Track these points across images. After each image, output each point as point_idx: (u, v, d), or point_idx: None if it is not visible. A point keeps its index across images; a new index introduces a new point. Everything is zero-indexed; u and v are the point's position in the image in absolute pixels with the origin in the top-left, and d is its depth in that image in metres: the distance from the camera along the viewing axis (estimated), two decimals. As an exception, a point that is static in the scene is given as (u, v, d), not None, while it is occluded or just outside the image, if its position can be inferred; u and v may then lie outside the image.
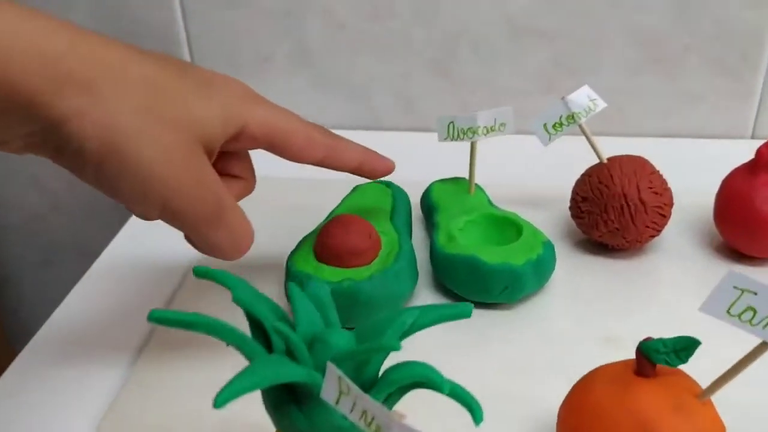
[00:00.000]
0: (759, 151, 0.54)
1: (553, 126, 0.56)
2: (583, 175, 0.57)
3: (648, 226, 0.54)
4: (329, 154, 0.46)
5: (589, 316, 0.51)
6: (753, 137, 0.74)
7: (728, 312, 0.33)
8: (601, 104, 0.56)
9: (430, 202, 0.59)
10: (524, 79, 0.74)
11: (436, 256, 0.52)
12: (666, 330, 0.39)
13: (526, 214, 0.59)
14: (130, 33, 0.75)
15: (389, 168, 0.50)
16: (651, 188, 0.54)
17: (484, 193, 0.59)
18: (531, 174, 0.68)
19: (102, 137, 0.35)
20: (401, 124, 0.77)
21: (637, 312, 0.51)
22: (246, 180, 0.47)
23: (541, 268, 0.51)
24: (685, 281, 0.54)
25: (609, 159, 0.56)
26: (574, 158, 0.59)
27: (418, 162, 0.64)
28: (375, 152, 0.50)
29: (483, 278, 0.50)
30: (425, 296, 0.53)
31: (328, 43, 0.74)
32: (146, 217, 0.40)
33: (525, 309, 0.52)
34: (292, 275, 0.49)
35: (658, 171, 0.56)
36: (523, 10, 0.70)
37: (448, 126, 0.56)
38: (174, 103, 0.38)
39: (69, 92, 0.34)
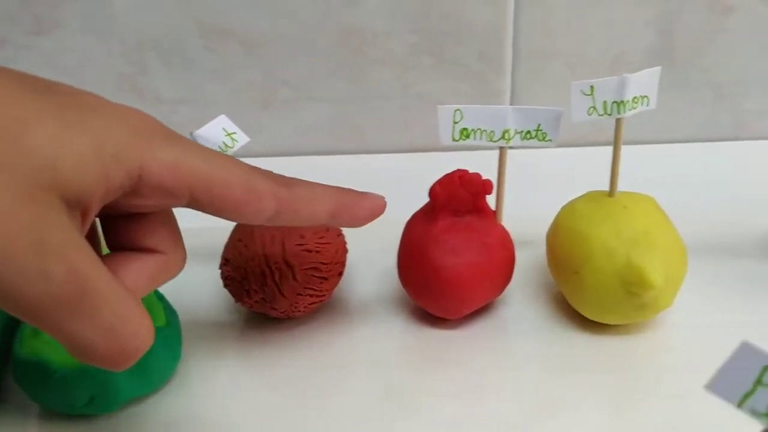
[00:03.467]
0: (432, 192, 0.42)
1: (187, 169, 0.44)
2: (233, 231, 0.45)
3: (301, 294, 0.42)
4: (284, 208, 0.33)
5: None
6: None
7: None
8: (243, 138, 0.44)
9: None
10: (234, 93, 0.61)
11: (13, 362, 0.39)
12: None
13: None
14: None
15: (376, 209, 0.37)
16: (302, 245, 0.42)
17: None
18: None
19: None
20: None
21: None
22: (166, 254, 0.32)
23: (145, 364, 0.39)
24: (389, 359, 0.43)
25: (259, 207, 0.44)
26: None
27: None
28: (352, 192, 0.36)
29: (56, 388, 0.37)
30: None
31: (-10, 62, 0.60)
32: None
33: (127, 419, 0.40)
34: None
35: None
36: (215, 12, 0.57)
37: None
38: (8, 131, 0.25)
39: None
